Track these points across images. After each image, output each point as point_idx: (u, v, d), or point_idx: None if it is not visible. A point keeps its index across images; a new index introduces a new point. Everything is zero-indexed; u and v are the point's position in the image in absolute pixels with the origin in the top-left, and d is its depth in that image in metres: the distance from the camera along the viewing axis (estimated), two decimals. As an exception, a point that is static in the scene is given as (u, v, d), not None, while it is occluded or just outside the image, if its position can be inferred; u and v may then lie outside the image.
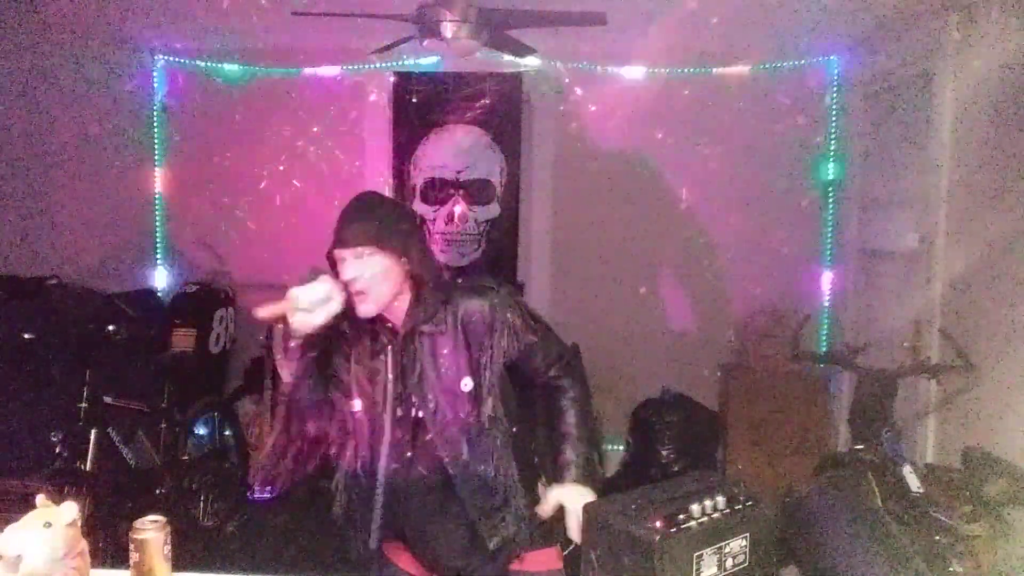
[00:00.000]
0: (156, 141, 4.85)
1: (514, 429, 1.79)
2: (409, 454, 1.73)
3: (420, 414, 1.72)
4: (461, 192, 4.80)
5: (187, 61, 4.78)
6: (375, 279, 1.66)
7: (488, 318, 1.73)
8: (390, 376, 1.73)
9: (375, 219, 1.69)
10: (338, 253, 1.68)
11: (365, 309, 1.66)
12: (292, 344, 1.62)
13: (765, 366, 4.29)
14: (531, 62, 4.07)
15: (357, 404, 1.72)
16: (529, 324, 1.77)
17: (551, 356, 1.81)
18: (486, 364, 1.73)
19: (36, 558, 1.26)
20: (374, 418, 1.73)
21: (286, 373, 1.65)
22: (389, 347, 1.73)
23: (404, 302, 1.72)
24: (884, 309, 4.02)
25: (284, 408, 1.68)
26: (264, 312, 1.58)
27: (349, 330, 1.72)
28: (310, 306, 1.58)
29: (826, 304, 4.66)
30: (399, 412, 1.73)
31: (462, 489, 1.73)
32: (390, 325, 1.73)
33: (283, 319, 1.59)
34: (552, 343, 1.82)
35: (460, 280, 1.89)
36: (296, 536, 3.84)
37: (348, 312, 1.66)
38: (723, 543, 1.35)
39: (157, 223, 4.89)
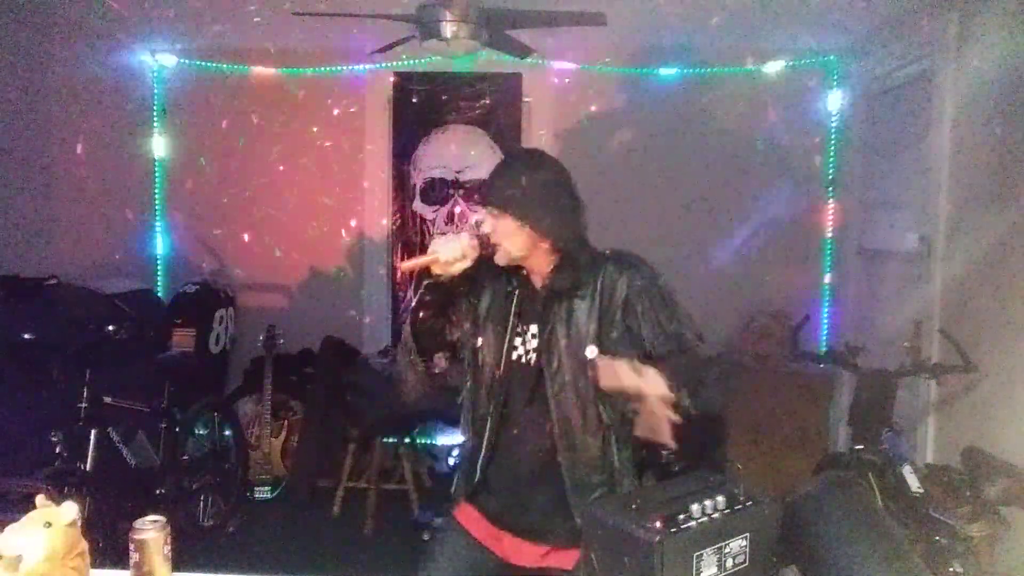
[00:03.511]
0: (156, 141, 4.84)
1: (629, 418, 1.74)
2: (525, 408, 1.81)
3: (541, 367, 1.79)
4: (461, 192, 4.80)
5: (187, 61, 4.78)
6: (504, 237, 1.81)
7: (628, 290, 1.79)
8: (521, 330, 1.83)
9: (511, 185, 1.83)
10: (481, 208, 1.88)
11: (497, 258, 1.84)
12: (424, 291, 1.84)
13: (765, 366, 4.29)
14: (531, 62, 4.06)
15: (479, 340, 1.87)
16: (661, 303, 1.79)
17: (672, 340, 1.77)
18: (614, 335, 1.77)
19: (36, 558, 1.26)
20: (496, 360, 1.84)
21: (414, 311, 1.87)
22: (524, 303, 1.85)
23: (546, 264, 1.84)
24: (884, 309, 4.01)
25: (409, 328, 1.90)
26: (409, 264, 1.82)
27: (489, 279, 1.89)
28: (450, 257, 1.74)
29: (826, 304, 4.66)
30: (522, 361, 1.82)
31: (563, 456, 1.77)
32: (532, 283, 1.86)
33: (426, 268, 1.79)
34: (681, 330, 1.78)
35: (609, 250, 1.93)
36: (296, 536, 3.84)
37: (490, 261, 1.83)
38: (723, 543, 1.35)
39: (157, 223, 4.89)
